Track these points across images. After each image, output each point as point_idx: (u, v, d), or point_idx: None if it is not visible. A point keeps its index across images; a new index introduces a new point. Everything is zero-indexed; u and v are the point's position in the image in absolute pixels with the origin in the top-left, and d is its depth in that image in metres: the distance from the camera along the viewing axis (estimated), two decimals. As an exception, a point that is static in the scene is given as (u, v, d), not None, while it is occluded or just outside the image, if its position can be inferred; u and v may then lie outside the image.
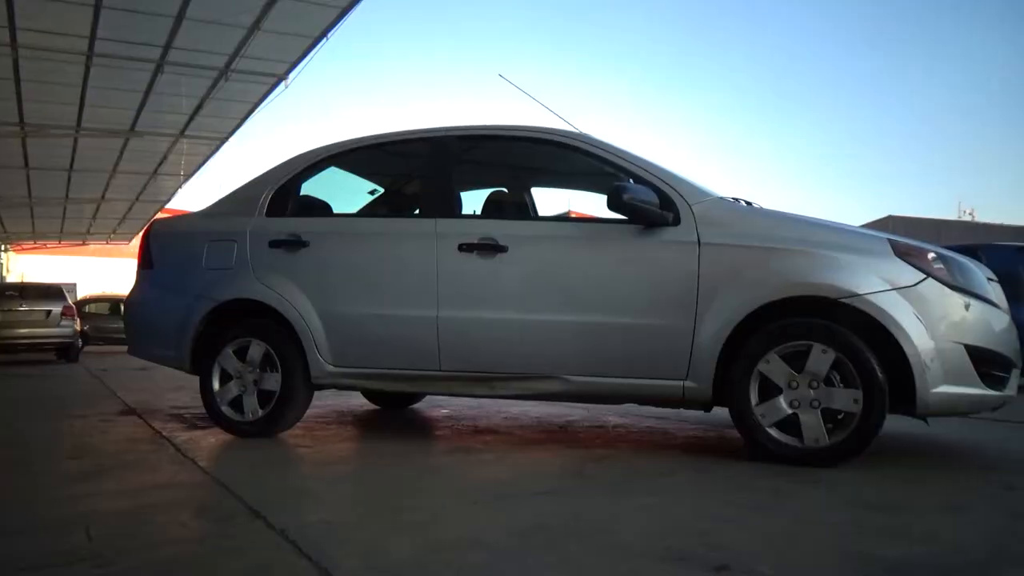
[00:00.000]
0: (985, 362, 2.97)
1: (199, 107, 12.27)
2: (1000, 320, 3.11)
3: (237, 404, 3.80)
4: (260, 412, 3.75)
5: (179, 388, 6.54)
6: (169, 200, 19.98)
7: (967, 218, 42.48)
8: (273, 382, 3.73)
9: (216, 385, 3.82)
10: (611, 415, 4.65)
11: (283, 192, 3.99)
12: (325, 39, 9.79)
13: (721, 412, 3.25)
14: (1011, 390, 3.11)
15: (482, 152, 4.13)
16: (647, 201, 3.17)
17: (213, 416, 3.85)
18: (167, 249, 4.20)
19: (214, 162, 15.87)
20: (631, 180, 3.33)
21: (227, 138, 14.03)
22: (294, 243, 3.78)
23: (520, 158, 4.31)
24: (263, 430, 3.75)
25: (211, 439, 3.76)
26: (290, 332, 3.71)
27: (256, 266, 3.84)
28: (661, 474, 2.87)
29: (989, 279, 3.21)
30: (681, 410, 3.47)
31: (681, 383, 3.14)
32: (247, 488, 2.60)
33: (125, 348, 4.58)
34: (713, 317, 3.07)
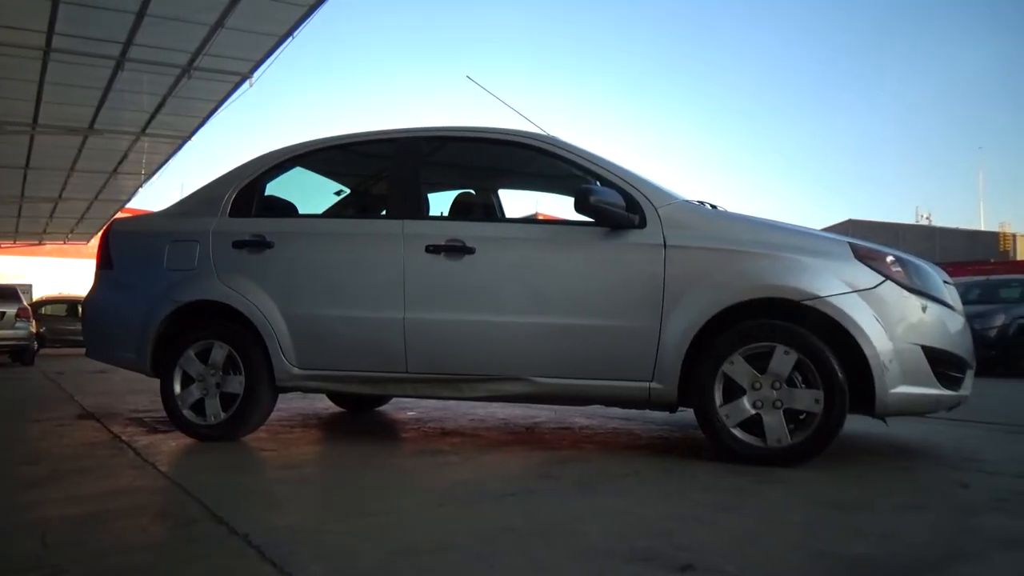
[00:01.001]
0: (941, 363, 3.04)
1: (161, 105, 12.06)
2: (955, 322, 3.19)
3: (199, 407, 3.73)
4: (223, 415, 3.69)
5: (139, 391, 6.41)
6: (129, 200, 19.61)
7: (924, 222, 43.65)
8: (236, 385, 3.67)
9: (177, 388, 3.75)
10: (577, 416, 4.67)
11: (247, 192, 3.94)
12: (291, 37, 9.69)
13: (686, 413, 3.28)
14: (966, 390, 3.19)
15: (449, 153, 4.13)
16: (613, 203, 3.20)
17: (174, 420, 3.78)
18: (127, 249, 4.12)
19: (176, 161, 15.63)
20: (598, 183, 3.35)
21: (189, 137, 13.82)
22: (258, 244, 3.73)
23: (488, 160, 4.31)
24: (226, 434, 3.69)
25: (172, 443, 3.69)
26: (254, 334, 3.66)
27: (219, 267, 3.78)
28: (627, 475, 2.88)
29: (945, 282, 3.29)
30: (647, 411, 3.50)
31: (647, 384, 3.16)
32: (209, 493, 2.55)
33: (82, 351, 4.47)
34: (678, 319, 3.10)
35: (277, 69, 10.92)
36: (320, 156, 4.09)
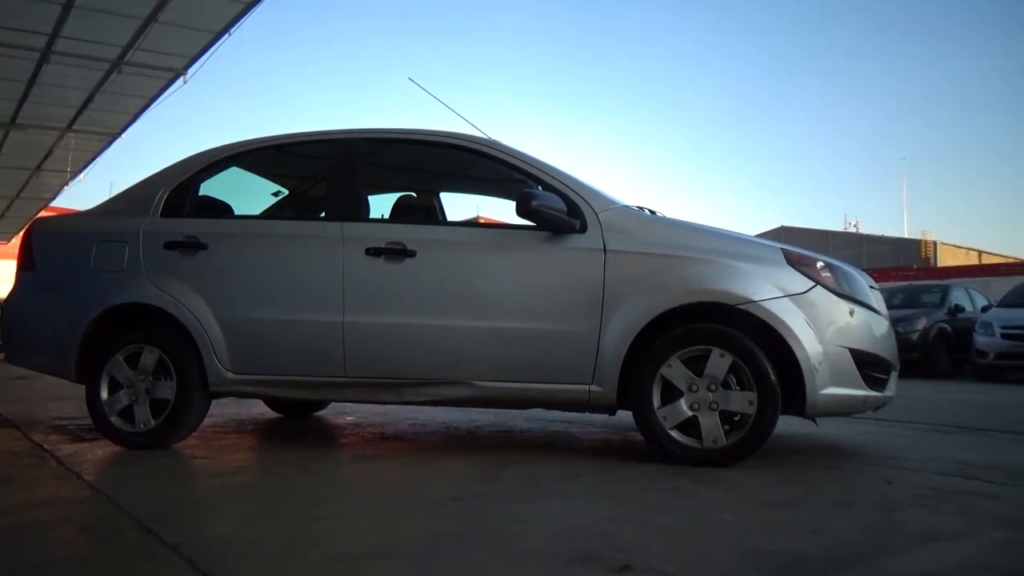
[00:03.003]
0: (867, 365, 3.17)
1: (89, 100, 11.62)
2: (880, 325, 3.32)
3: (128, 414, 3.59)
4: (153, 422, 3.56)
5: (62, 398, 6.14)
6: (54, 198, 18.83)
7: (852, 229, 45.37)
8: (167, 390, 3.55)
9: (104, 394, 3.61)
10: (518, 420, 4.68)
11: (180, 192, 3.82)
12: (228, 34, 9.46)
13: (625, 415, 3.32)
14: (891, 391, 3.33)
15: (391, 156, 4.09)
16: (555, 208, 3.22)
17: (101, 427, 3.64)
18: (51, 249, 3.95)
19: (105, 159, 15.07)
20: (539, 187, 3.37)
21: (119, 134, 13.34)
22: (191, 245, 3.63)
23: (429, 163, 4.29)
24: (156, 441, 3.56)
25: (98, 452, 3.55)
26: (186, 338, 3.55)
27: (149, 269, 3.65)
28: (567, 477, 2.91)
29: (871, 287, 3.42)
30: (587, 414, 3.53)
31: (587, 387, 3.19)
32: (138, 503, 2.47)
33: (0, 355, 4.27)
34: (618, 322, 3.15)
35: (213, 67, 10.67)
36: (257, 156, 4.01)
